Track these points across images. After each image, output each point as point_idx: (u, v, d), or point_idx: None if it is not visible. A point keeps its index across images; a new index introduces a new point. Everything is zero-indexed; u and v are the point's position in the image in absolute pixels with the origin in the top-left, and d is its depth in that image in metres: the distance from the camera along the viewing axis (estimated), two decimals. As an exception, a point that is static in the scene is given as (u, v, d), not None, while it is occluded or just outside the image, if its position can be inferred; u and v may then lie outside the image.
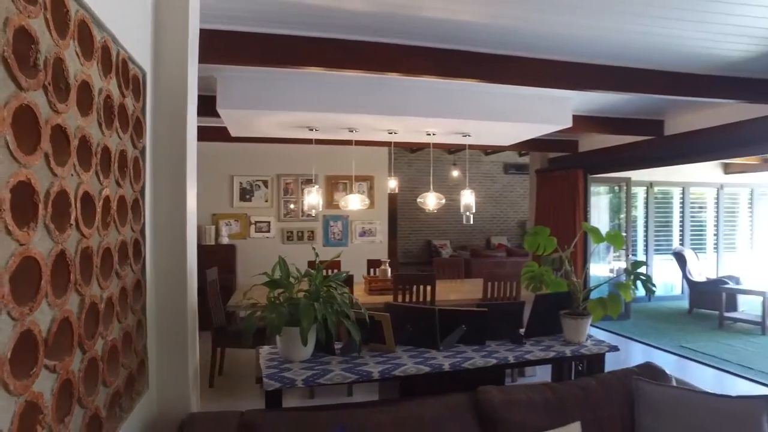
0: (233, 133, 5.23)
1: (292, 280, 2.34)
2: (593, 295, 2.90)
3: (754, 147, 5.28)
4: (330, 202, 7.01)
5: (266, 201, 6.88)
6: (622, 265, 7.69)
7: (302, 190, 6.93)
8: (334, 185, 7.14)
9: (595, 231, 3.00)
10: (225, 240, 6.55)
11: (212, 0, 2.62)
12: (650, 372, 2.33)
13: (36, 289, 1.11)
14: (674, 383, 2.27)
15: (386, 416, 1.97)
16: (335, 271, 4.00)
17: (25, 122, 1.06)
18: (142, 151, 1.94)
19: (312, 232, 7.04)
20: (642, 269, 3.03)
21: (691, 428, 1.94)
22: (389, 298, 4.34)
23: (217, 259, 5.60)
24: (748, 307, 7.36)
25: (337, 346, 2.52)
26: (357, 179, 6.38)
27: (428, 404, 2.08)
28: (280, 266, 2.29)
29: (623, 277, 3.01)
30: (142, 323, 1.92)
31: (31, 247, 1.09)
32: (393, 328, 2.52)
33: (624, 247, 7.81)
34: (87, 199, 1.39)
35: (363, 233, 7.24)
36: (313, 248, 2.69)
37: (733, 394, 2.19)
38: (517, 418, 2.01)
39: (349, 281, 4.00)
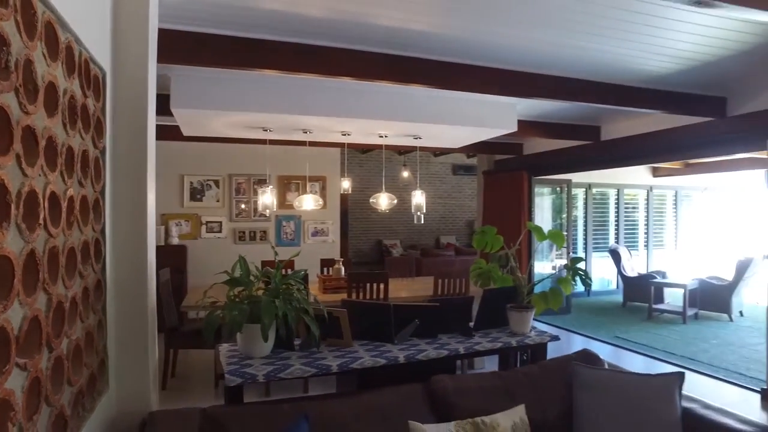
0: (185, 132, 5.15)
1: (252, 278, 2.39)
2: (537, 289, 3.12)
3: (675, 153, 5.77)
4: (283, 202, 7.01)
5: (218, 201, 6.79)
6: (564, 261, 8.13)
7: (254, 190, 6.90)
8: (287, 185, 7.14)
9: (538, 230, 3.22)
10: (175, 240, 6.42)
11: (171, 0, 2.63)
12: (586, 357, 2.55)
13: (9, 288, 1.14)
14: (606, 366, 2.51)
15: (346, 406, 2.07)
16: (289, 270, 4.05)
17: (-1, 124, 1.09)
18: (103, 151, 1.95)
19: (264, 232, 7.01)
20: (581, 265, 3.28)
21: (619, 402, 2.16)
22: (343, 296, 4.43)
23: (168, 260, 5.48)
24: (672, 299, 7.96)
25: (296, 342, 2.60)
26: (309, 179, 6.41)
27: (385, 394, 2.19)
28: (240, 265, 2.34)
29: (564, 273, 3.24)
30: (102, 323, 1.93)
31: (5, 246, 1.11)
32: (350, 324, 2.62)
33: (565, 245, 8.25)
34: (53, 200, 1.41)
35: (315, 233, 7.29)
36: (273, 247, 2.74)
37: (658, 375, 2.44)
38: (468, 404, 2.16)
39: (304, 280, 4.05)
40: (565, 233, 8.21)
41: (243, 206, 6.96)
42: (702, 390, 4.37)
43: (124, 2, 2.10)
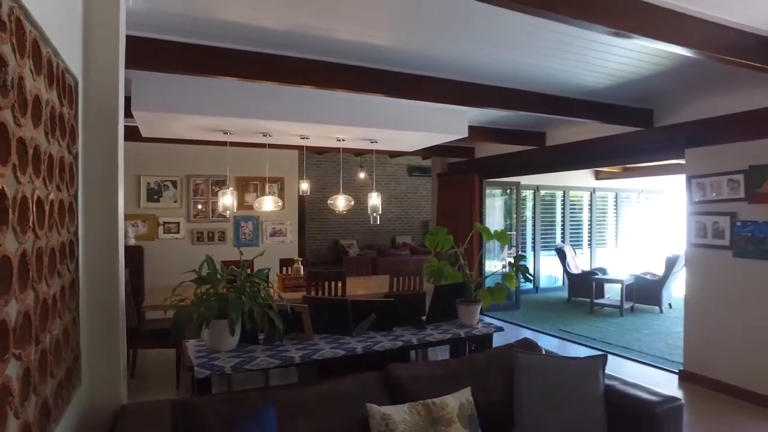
0: (144, 133, 5.16)
1: (218, 276, 2.53)
2: (488, 284, 3.39)
3: (611, 159, 6.26)
4: (241, 203, 7.06)
5: (175, 202, 6.77)
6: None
7: (213, 190, 6.92)
8: (245, 186, 7.20)
9: (486, 230, 3.50)
10: (132, 241, 6.36)
11: (135, 9, 2.73)
12: (526, 345, 2.83)
13: (9, 285, 1.27)
14: (543, 353, 2.80)
15: (309, 393, 2.25)
16: (248, 270, 4.17)
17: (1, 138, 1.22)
18: (76, 157, 2.05)
19: (223, 232, 7.04)
20: (525, 262, 3.57)
21: (553, 382, 2.45)
22: (302, 294, 4.59)
23: (125, 262, 5.45)
24: (612, 293, 8.53)
25: (260, 337, 2.75)
26: (268, 181, 6.50)
27: (345, 382, 2.39)
28: (208, 264, 2.48)
29: (509, 269, 3.53)
30: (76, 320, 2.03)
31: (6, 246, 1.24)
32: (310, 319, 2.80)
33: (512, 244, 8.68)
34: (39, 204, 1.53)
35: (274, 233, 7.38)
36: (239, 248, 2.88)
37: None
38: (421, 388, 2.39)
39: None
40: (513, 233, 8.67)
41: (200, 207, 6.97)
42: (632, 374, 4.78)
43: (94, 12, 2.20)
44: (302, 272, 5.10)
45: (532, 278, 3.58)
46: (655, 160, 6.22)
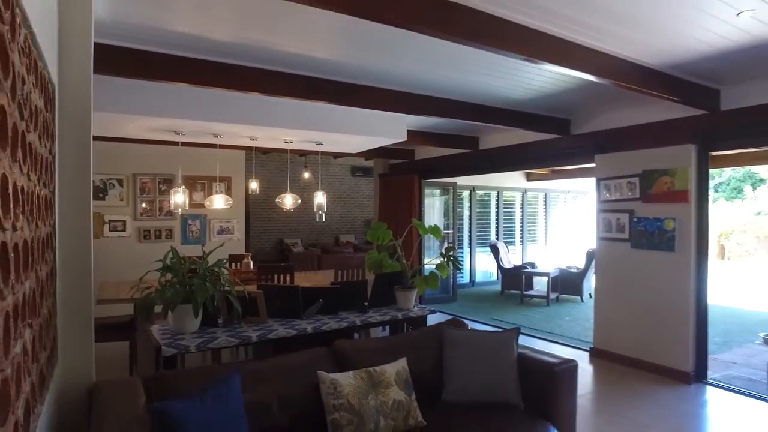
0: (94, 132, 5.23)
1: (182, 266, 2.81)
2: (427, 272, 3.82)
3: (536, 162, 6.95)
4: (189, 201, 7.17)
5: (121, 200, 6.80)
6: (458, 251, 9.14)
7: (159, 189, 7.01)
8: (193, 185, 7.31)
9: (421, 225, 3.95)
10: (75, 239, 6.33)
11: (100, 18, 2.95)
12: (453, 323, 3.29)
13: (26, 265, 1.55)
14: (468, 329, 3.27)
15: (267, 365, 2.58)
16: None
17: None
18: (54, 157, 2.29)
19: (170, 230, 7.13)
20: (456, 253, 4.05)
21: (475, 352, 2.91)
22: (253, 288, 4.87)
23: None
24: (540, 285, 9.30)
25: (219, 321, 3.05)
26: (217, 180, 6.67)
27: (298, 356, 2.74)
28: (173, 254, 2.75)
29: (441, 260, 4.00)
30: (54, 304, 2.27)
31: (16, 234, 1.52)
32: (265, 304, 3.13)
33: (449, 241, 9.26)
34: (37, 199, 1.80)
35: (221, 231, 7.55)
36: (202, 246, 3.16)
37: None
38: (363, 359, 2.78)
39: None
40: (450, 231, 9.24)
41: (144, 205, 7.02)
42: (553, 352, 5.44)
43: (69, 22, 2.43)
44: (252, 266, 5.36)
45: (461, 267, 4.05)
46: (572, 164, 6.95)
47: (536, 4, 2.74)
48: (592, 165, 5.62)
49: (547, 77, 4.18)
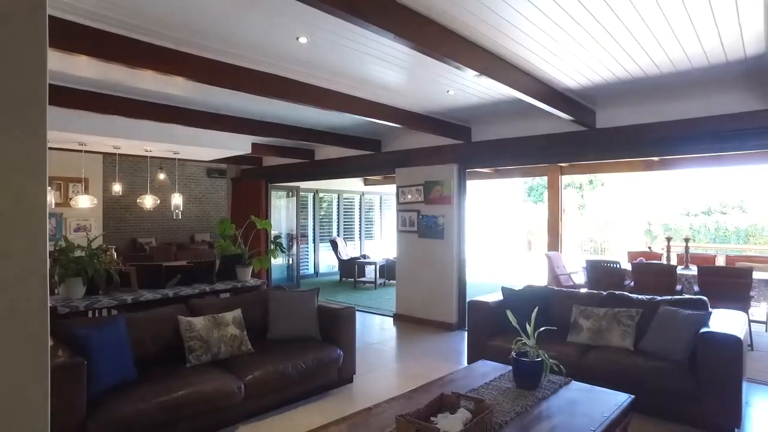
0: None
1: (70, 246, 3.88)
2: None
3: (360, 171, 8.72)
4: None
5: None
6: (303, 246, 10.60)
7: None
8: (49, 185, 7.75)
9: (258, 220, 5.36)
10: None
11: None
12: (277, 288, 4.76)
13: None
14: (286, 290, 4.77)
15: (142, 315, 3.80)
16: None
17: None
18: None
19: (24, 228, 7.49)
20: (280, 240, 5.51)
21: (289, 306, 4.41)
22: (116, 275, 5.83)
23: None
24: (371, 273, 11.20)
25: (100, 292, 4.13)
26: (73, 181, 7.26)
27: (164, 309, 3.98)
28: (66, 240, 3.80)
29: (272, 246, 5.44)
30: None
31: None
32: (137, 278, 4.28)
33: (296, 236, 10.70)
34: None
35: (77, 229, 8.09)
36: (87, 234, 4.19)
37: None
38: (209, 310, 4.11)
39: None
40: (294, 229, 10.69)
41: None
42: (372, 321, 7.22)
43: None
44: (115, 257, 6.24)
45: (285, 250, 5.52)
46: (382, 174, 8.89)
47: (336, 75, 4.34)
48: (394, 175, 7.50)
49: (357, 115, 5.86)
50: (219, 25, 3.23)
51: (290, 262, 11.26)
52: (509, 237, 20.13)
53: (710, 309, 4.21)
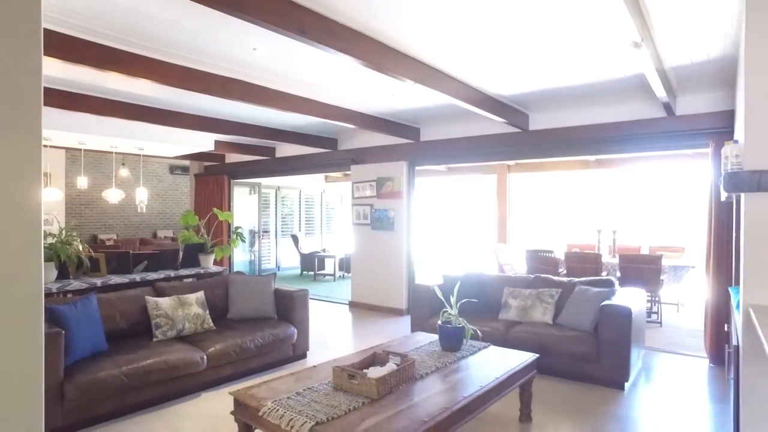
0: None
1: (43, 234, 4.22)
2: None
3: (320, 168, 9.16)
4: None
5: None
6: (264, 240, 10.98)
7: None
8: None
9: (219, 212, 5.78)
10: None
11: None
12: (237, 273, 5.20)
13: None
14: (245, 275, 5.21)
15: (112, 295, 4.19)
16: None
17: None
18: None
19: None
20: (240, 230, 5.94)
21: (248, 288, 4.87)
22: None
23: None
24: (330, 266, 11.68)
25: (71, 277, 4.48)
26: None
27: (132, 290, 4.37)
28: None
29: (233, 236, 5.87)
30: None
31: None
32: (105, 263, 4.65)
33: (258, 231, 11.07)
34: None
35: (40, 223, 8.24)
36: (59, 224, 4.53)
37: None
38: (174, 291, 4.53)
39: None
40: (256, 223, 11.05)
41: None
42: (328, 309, 7.72)
43: None
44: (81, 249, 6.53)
45: (244, 239, 5.96)
46: (339, 171, 9.38)
47: (295, 80, 4.82)
48: (350, 172, 8.02)
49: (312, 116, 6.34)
50: (190, 36, 3.66)
51: (252, 257, 11.65)
52: (482, 231, 20.97)
53: (616, 288, 4.91)
